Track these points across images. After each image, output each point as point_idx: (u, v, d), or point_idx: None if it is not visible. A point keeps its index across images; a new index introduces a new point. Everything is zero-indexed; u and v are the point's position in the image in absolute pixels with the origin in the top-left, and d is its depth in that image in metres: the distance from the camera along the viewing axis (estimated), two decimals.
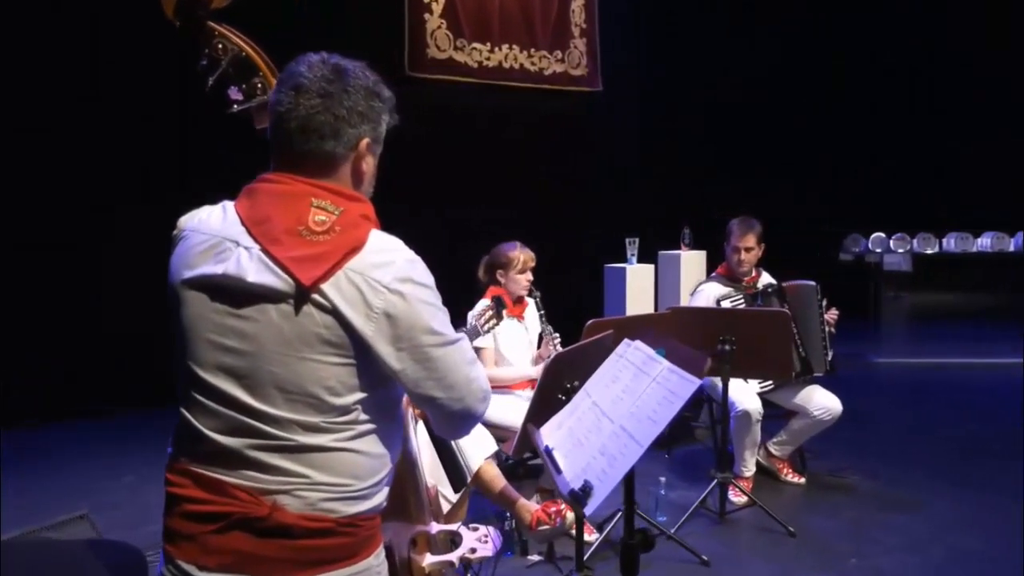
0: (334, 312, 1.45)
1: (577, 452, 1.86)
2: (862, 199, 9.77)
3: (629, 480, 2.01)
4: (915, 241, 8.33)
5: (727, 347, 3.99)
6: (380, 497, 1.60)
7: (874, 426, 5.94)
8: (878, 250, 8.47)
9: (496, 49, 8.07)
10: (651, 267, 7.01)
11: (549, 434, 2.09)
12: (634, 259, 6.80)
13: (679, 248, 7.14)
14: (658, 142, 9.22)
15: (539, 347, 4.16)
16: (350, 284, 1.46)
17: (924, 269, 8.57)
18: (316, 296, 1.45)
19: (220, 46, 1.74)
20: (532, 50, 8.32)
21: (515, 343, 4.10)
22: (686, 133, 9.22)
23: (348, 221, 1.50)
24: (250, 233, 1.49)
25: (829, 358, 4.54)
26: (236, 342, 1.48)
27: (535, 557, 3.71)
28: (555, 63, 8.49)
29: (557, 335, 4.05)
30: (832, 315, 4.59)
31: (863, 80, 10.07)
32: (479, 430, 3.30)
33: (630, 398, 1.83)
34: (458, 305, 4.03)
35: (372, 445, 1.55)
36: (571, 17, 8.60)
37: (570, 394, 2.39)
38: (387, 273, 1.48)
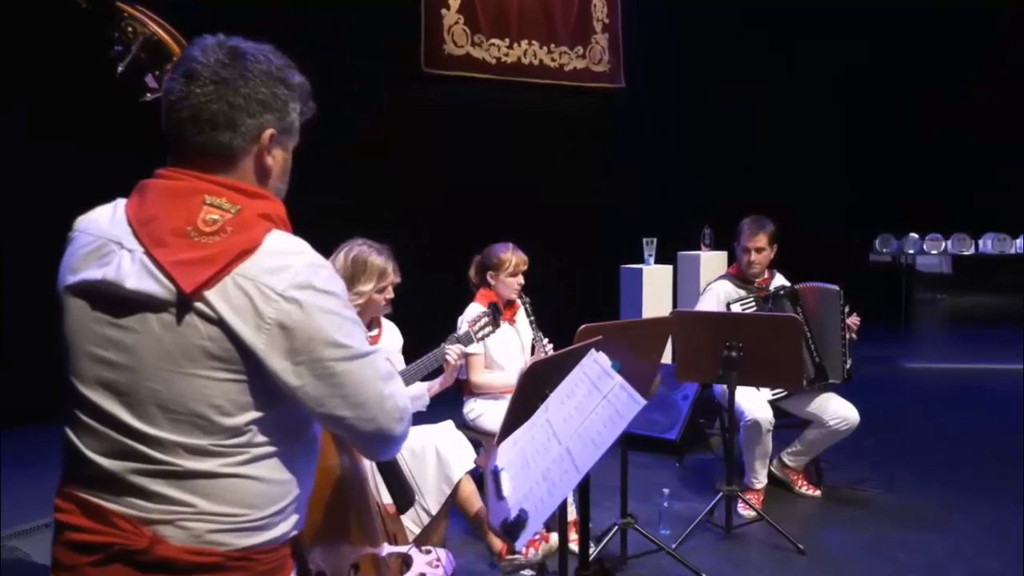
0: (220, 323, 1.30)
1: (523, 475, 1.70)
2: (895, 198, 9.48)
3: (584, 499, 1.83)
4: (950, 242, 8.00)
5: (734, 353, 3.78)
6: (285, 526, 1.45)
7: (899, 435, 5.67)
8: (911, 251, 8.15)
9: (515, 45, 7.89)
10: (669, 268, 6.80)
11: (504, 452, 1.92)
12: (651, 259, 6.61)
13: (699, 248, 6.92)
14: (680, 140, 9.01)
15: (532, 354, 3.98)
16: (239, 291, 1.31)
17: (960, 271, 8.23)
18: (199, 305, 1.30)
19: (130, 29, 1.60)
20: (552, 45, 8.13)
21: (507, 347, 3.93)
22: (710, 131, 8.99)
23: (243, 221, 1.35)
24: (135, 234, 1.35)
25: (848, 366, 4.31)
26: (116, 355, 1.34)
27: (527, 572, 3.54)
28: (576, 59, 8.29)
29: (548, 341, 3.88)
30: (854, 321, 4.35)
31: (884, 78, 9.78)
32: (461, 440, 3.14)
33: (580, 417, 1.66)
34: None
35: (272, 470, 1.40)
36: (592, 11, 8.39)
37: None
38: (282, 279, 1.32)
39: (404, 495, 1.94)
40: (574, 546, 3.70)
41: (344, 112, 6.64)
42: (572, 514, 3.81)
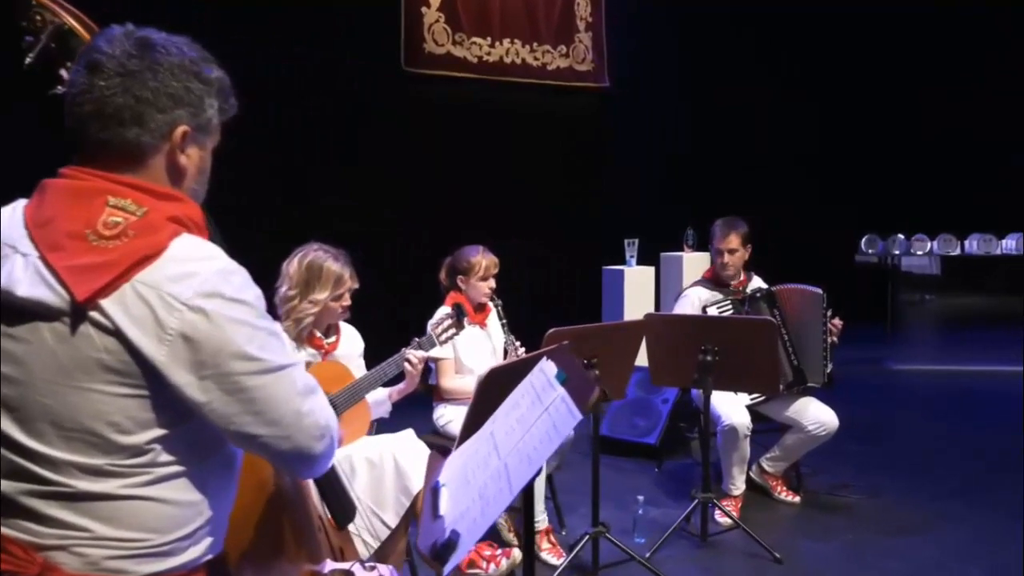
0: (116, 333, 1.21)
1: (462, 491, 1.61)
2: (886, 199, 9.41)
3: (529, 513, 1.74)
4: (935, 243, 7.91)
5: (709, 357, 3.70)
6: (196, 551, 1.35)
7: (884, 439, 5.59)
8: (896, 252, 8.06)
9: (497, 43, 7.80)
10: (651, 269, 6.72)
11: (449, 466, 1.83)
12: (633, 260, 6.52)
13: (682, 250, 6.83)
14: (680, 140, 8.92)
15: (505, 358, 3.89)
16: (139, 300, 1.22)
17: (948, 272, 8.16)
18: (94, 314, 1.21)
19: (38, 17, 1.50)
20: (535, 44, 8.03)
21: (477, 351, 3.83)
22: (695, 131, 8.91)
23: (148, 224, 1.26)
24: (31, 237, 1.26)
25: (828, 370, 4.22)
26: (7, 368, 1.25)
27: None
28: (559, 58, 8.20)
29: (520, 345, 3.78)
30: (836, 324, 4.26)
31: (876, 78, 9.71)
32: (421, 449, 3.03)
33: (521, 430, 1.57)
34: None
35: (179, 491, 1.31)
36: (576, 10, 8.30)
37: None
38: (187, 287, 1.23)
39: (343, 509, 1.85)
40: (547, 555, 3.63)
41: (343, 112, 6.58)
42: (544, 522, 3.72)
